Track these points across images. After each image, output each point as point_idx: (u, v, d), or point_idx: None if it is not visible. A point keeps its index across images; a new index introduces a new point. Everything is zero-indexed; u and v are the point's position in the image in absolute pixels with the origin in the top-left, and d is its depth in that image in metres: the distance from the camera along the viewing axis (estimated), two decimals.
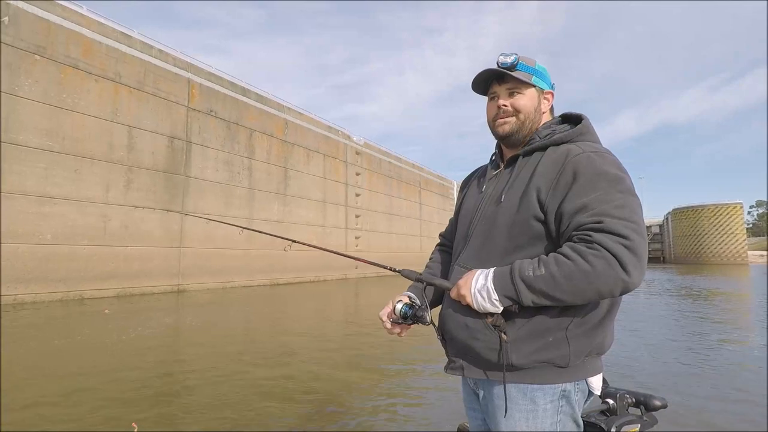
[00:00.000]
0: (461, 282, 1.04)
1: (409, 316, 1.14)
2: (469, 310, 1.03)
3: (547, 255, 0.97)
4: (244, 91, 17.18)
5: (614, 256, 0.89)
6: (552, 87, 1.18)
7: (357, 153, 24.40)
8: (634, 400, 1.40)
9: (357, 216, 23.75)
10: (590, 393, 1.10)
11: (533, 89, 1.13)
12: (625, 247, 0.89)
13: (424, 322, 1.14)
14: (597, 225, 0.92)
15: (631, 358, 5.08)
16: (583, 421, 1.40)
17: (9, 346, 5.55)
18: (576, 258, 0.91)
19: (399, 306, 1.16)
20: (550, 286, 0.93)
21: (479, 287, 1.00)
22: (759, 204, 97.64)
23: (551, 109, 1.20)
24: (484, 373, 1.05)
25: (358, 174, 24.25)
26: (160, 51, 13.98)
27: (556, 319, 0.98)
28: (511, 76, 1.11)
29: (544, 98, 1.16)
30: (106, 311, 9.12)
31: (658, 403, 1.36)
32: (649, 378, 4.27)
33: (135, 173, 12.80)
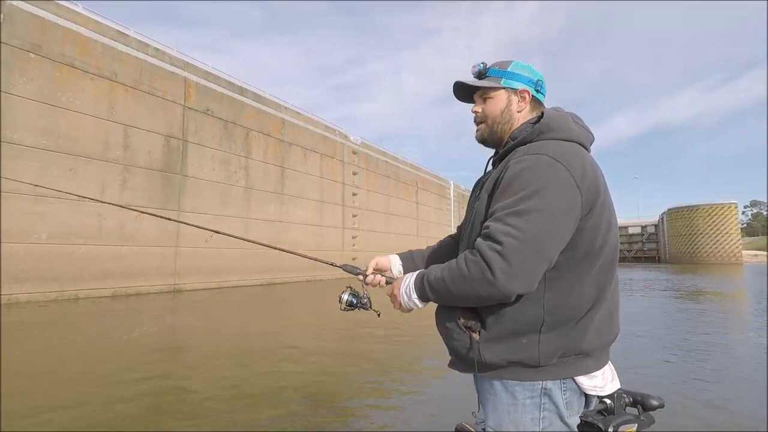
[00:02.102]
0: (395, 283, 1.16)
1: (354, 304, 1.33)
2: (445, 311, 1.10)
3: None
4: (241, 91, 17.12)
5: (485, 260, 0.93)
6: (530, 82, 1.17)
7: (354, 153, 24.37)
8: (631, 399, 1.40)
9: (354, 216, 23.73)
10: (586, 396, 1.10)
11: (502, 91, 1.17)
12: (497, 252, 0.92)
13: (366, 309, 1.34)
14: (484, 231, 0.98)
15: (628, 358, 5.11)
16: (581, 420, 1.41)
17: (9, 347, 5.51)
18: (461, 263, 0.98)
19: (345, 297, 1.33)
20: (442, 288, 1.02)
21: (405, 287, 1.11)
22: (753, 204, 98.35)
23: (537, 101, 1.19)
24: (464, 369, 1.11)
25: (355, 174, 24.23)
26: (156, 50, 13.90)
27: (529, 321, 1.00)
28: (478, 86, 1.19)
29: (519, 96, 1.17)
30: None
31: (655, 402, 1.36)
32: (646, 378, 4.29)
33: (131, 172, 12.73)
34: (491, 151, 1.28)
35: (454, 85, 1.24)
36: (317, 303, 11.86)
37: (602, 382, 1.08)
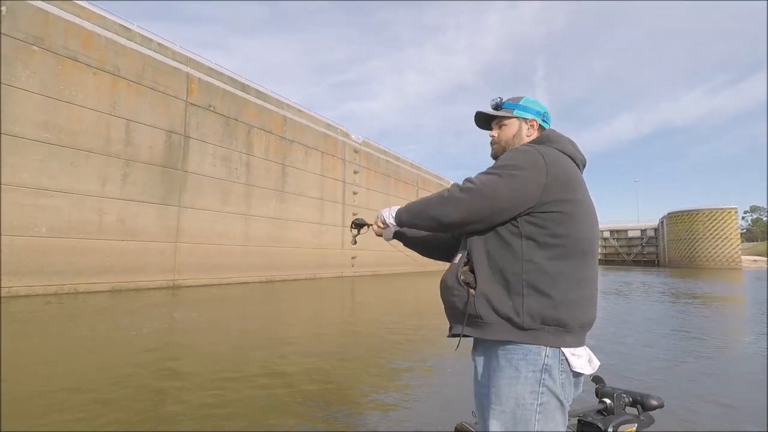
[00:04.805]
0: (382, 210, 1.52)
1: (360, 224, 1.75)
2: (449, 274, 1.32)
3: (497, 241, 1.25)
4: (244, 87, 17.12)
5: (449, 191, 1.26)
6: (538, 114, 1.45)
7: (355, 151, 24.37)
8: (631, 399, 1.41)
9: (354, 214, 23.72)
10: (576, 376, 1.21)
11: (515, 120, 1.45)
12: (458, 187, 1.25)
13: (367, 226, 1.74)
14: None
15: (628, 357, 5.11)
16: (580, 420, 1.42)
17: (15, 341, 5.52)
18: (431, 194, 1.33)
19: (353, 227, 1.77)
20: (414, 209, 1.38)
21: (388, 210, 1.49)
22: (753, 209, 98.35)
23: (543, 129, 1.46)
24: (462, 327, 1.26)
25: (356, 172, 24.24)
26: (160, 45, 13.90)
27: (509, 282, 1.19)
28: (495, 115, 1.48)
29: (529, 125, 1.44)
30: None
31: (655, 402, 1.37)
32: (646, 377, 4.30)
33: (132, 167, 12.74)
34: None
35: (475, 114, 1.51)
36: (317, 302, 11.88)
37: (584, 361, 1.21)
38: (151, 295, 11.49)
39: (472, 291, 1.23)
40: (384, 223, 1.50)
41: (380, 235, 1.62)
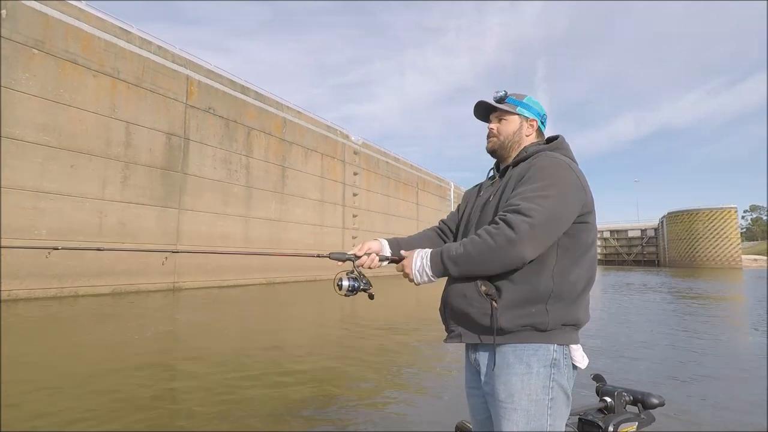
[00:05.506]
0: (405, 262, 1.31)
1: (357, 288, 1.34)
2: (466, 282, 1.24)
3: None
4: (243, 89, 17.14)
5: (513, 228, 1.12)
6: (538, 115, 1.44)
7: (355, 153, 24.38)
8: (631, 398, 1.42)
9: (354, 216, 23.74)
10: (574, 369, 1.24)
11: (516, 116, 1.43)
12: (527, 223, 1.12)
13: (367, 291, 1.36)
14: (514, 207, 1.17)
15: (629, 356, 5.11)
16: (581, 419, 1.42)
17: (18, 345, 5.51)
18: (484, 236, 1.16)
19: (345, 283, 1.33)
20: (467, 261, 1.18)
21: (418, 267, 1.26)
22: (753, 209, 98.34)
23: (540, 131, 1.46)
24: (479, 337, 1.23)
25: (356, 174, 24.24)
26: (159, 47, 13.93)
27: (541, 291, 1.17)
28: (496, 107, 1.44)
29: (529, 124, 1.43)
30: None
31: (655, 401, 1.37)
32: (647, 376, 4.29)
33: (132, 170, 12.75)
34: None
35: (477, 103, 1.47)
36: (318, 303, 11.87)
37: (580, 356, 1.24)
38: (152, 297, 11.48)
39: (495, 304, 1.18)
40: (404, 273, 1.30)
41: (375, 266, 1.39)
